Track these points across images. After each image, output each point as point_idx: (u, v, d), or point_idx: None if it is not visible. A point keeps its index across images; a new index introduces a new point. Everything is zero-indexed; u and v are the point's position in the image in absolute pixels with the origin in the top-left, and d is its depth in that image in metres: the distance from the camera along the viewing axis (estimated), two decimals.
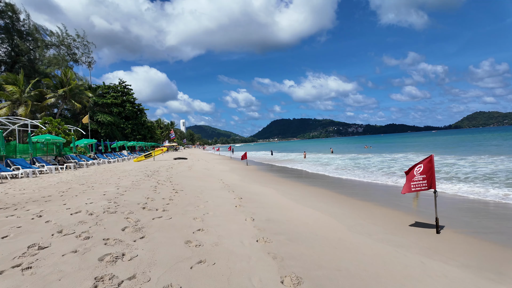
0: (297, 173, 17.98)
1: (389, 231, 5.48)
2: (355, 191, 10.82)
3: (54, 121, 29.41)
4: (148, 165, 19.93)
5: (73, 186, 9.06)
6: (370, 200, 8.83)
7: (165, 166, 18.92)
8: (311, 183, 13.04)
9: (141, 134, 57.60)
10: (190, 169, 17.78)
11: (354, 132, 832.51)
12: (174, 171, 15.65)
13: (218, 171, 16.99)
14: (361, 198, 9.23)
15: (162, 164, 21.45)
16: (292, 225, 5.38)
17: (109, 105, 49.08)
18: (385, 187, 11.67)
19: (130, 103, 56.71)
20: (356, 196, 9.63)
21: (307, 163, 25.61)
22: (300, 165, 23.47)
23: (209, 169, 18.38)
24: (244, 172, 17.34)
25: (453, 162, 18.21)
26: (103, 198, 6.49)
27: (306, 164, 24.61)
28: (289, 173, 17.74)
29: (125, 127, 53.94)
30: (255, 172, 17.90)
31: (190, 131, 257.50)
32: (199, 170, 16.88)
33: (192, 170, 17.09)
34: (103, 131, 46.07)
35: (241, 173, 16.83)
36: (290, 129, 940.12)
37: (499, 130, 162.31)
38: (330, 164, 22.86)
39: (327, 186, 12.11)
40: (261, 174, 16.85)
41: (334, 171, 18.10)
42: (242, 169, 19.75)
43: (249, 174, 16.54)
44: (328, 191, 10.76)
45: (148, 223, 4.64)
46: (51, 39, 46.09)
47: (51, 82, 38.25)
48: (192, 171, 16.41)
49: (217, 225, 4.76)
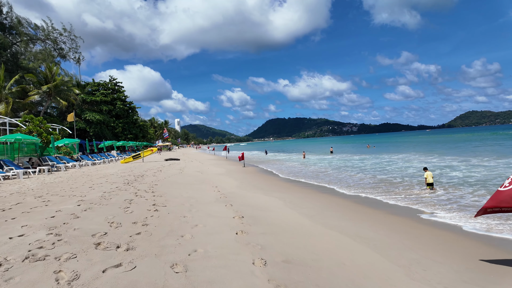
0: (300, 175, 16.15)
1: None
2: (375, 198, 9.01)
3: (35, 119, 27.15)
4: (135, 168, 17.93)
5: (25, 200, 7.08)
6: (391, 212, 7.01)
7: (153, 169, 16.94)
8: (320, 189, 11.22)
9: (132, 133, 55.24)
10: (181, 172, 15.83)
11: (348, 132, 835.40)
12: (162, 175, 13.70)
13: (213, 175, 15.08)
14: (386, 209, 7.42)
15: (151, 166, 19.45)
16: (324, 270, 3.52)
17: (99, 103, 46.66)
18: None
19: (121, 101, 54.31)
20: (382, 207, 7.81)
21: (309, 164, 23.82)
22: (302, 167, 21.67)
23: (203, 172, 16.45)
24: (241, 176, 15.46)
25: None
26: (45, 226, 4.53)
27: (308, 165, 22.82)
28: (292, 176, 15.90)
29: (115, 126, 51.56)
30: (254, 175, 16.03)
31: (185, 130, 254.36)
32: (191, 174, 14.94)
33: (184, 173, 15.16)
34: (91, 130, 43.71)
35: (238, 176, 14.94)
36: (285, 129, 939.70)
37: (491, 129, 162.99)
38: (338, 166, 21.10)
39: (341, 194, 10.28)
40: (262, 178, 14.98)
41: (343, 174, 16.31)
42: (240, 172, 17.86)
43: (247, 178, 14.66)
44: (344, 200, 8.93)
45: (90, 284, 2.72)
46: (36, 33, 43.57)
47: (34, 78, 35.81)
48: (183, 174, 14.48)
49: (210, 282, 2.88)
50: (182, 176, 13.65)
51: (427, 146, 40.83)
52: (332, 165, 21.55)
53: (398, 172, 15.28)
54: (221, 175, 15.12)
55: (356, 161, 23.83)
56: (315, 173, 16.98)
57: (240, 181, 12.94)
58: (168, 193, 8.15)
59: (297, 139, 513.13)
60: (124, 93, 56.79)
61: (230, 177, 14.26)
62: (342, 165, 21.38)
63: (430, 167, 14.47)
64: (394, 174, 14.58)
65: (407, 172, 15.09)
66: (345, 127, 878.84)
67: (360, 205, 8.23)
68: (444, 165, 17.20)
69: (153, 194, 7.94)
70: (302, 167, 21.23)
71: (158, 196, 7.55)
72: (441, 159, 20.97)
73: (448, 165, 17.32)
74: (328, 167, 20.25)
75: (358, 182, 12.57)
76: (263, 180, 14.28)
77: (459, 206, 7.69)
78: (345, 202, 8.68)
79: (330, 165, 21.62)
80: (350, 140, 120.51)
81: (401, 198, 8.97)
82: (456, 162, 18.29)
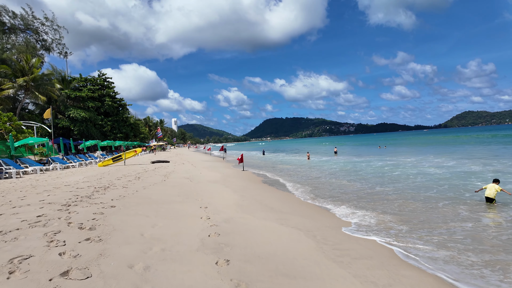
0: (314, 184, 12.81)
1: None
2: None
3: (3, 116, 23.59)
4: (109, 173, 14.51)
5: None
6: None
7: (131, 175, 13.52)
8: (355, 204, 7.92)
9: (122, 132, 51.58)
10: (165, 179, 12.43)
11: (346, 131, 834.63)
12: (136, 185, 10.30)
13: (204, 183, 11.70)
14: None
15: (130, 171, 16.04)
16: None
17: (84, 99, 42.95)
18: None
19: (110, 98, 50.64)
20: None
21: (316, 167, 20.52)
22: (310, 171, 18.36)
23: (193, 179, 13.05)
24: (242, 185, 12.11)
25: None
26: None
27: (315, 169, 19.52)
28: (305, 186, 12.56)
29: (103, 124, 47.91)
30: (258, 185, 12.65)
31: (181, 130, 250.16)
32: (177, 183, 11.55)
33: (168, 181, 11.78)
34: (76, 129, 40.08)
35: (238, 186, 11.57)
36: (282, 128, 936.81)
37: (488, 129, 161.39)
38: (358, 173, 17.82)
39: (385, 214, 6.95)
40: (268, 190, 11.60)
41: (376, 187, 13.00)
42: (239, 178, 14.50)
43: (250, 189, 11.29)
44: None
45: None
46: (14, 22, 39.81)
47: (9, 70, 32.12)
48: (166, 184, 11.10)
49: None
50: (163, 187, 10.26)
51: (445, 148, 37.74)
52: (348, 171, 18.25)
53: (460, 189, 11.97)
54: (215, 184, 11.74)
55: (368, 164, 20.59)
56: (333, 185, 13.64)
57: (240, 194, 9.59)
58: (118, 230, 4.76)
59: (295, 139, 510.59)
60: (114, 89, 53.15)
61: (227, 187, 10.90)
62: (359, 170, 18.09)
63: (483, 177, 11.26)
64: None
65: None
66: (342, 127, 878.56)
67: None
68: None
69: (89, 233, 4.52)
70: (313, 172, 17.92)
71: (93, 242, 4.14)
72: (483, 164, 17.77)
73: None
74: (343, 173, 16.94)
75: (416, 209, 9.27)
76: (272, 193, 10.93)
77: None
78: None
79: (344, 170, 18.32)
80: (349, 140, 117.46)
81: None
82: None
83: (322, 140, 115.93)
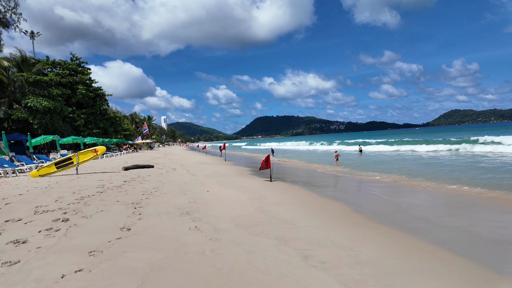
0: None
1: None
2: None
3: None
4: (19, 198, 6.87)
5: None
6: None
7: (59, 207, 5.92)
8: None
9: (100, 128, 43.13)
10: (133, 224, 4.95)
11: (336, 130, 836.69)
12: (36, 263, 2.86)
13: (240, 242, 4.34)
14: None
15: (75, 188, 8.37)
16: None
17: (48, 85, 34.31)
18: None
19: (85, 86, 42.07)
20: None
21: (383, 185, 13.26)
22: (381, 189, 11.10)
23: (200, 216, 5.61)
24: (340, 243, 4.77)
25: None
26: None
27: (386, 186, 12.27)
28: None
29: (75, 117, 39.44)
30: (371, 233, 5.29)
31: (171, 128, 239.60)
32: (161, 238, 4.11)
33: (138, 232, 4.34)
34: (36, 122, 31.54)
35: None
36: (273, 126, 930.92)
37: (475, 127, 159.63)
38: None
39: None
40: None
41: None
42: (302, 209, 7.11)
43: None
44: None
45: None
46: None
47: None
48: (134, 245, 3.68)
49: None
50: (116, 270, 2.84)
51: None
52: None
53: None
54: (265, 239, 4.37)
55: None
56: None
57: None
58: None
59: (286, 137, 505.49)
60: (90, 76, 44.56)
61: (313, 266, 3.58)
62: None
63: None
64: None
65: None
66: (333, 125, 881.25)
67: None
68: None
69: None
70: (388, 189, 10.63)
71: None
72: None
73: None
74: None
75: None
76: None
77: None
78: None
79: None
80: (349, 137, 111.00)
81: None
82: None
83: (315, 139, 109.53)
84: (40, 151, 31.01)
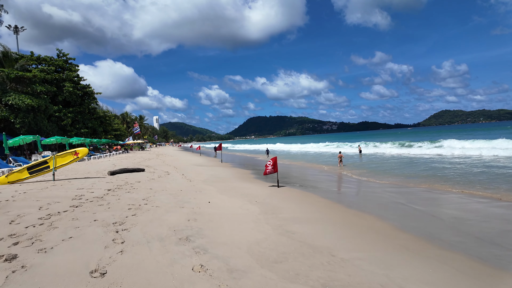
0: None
1: None
2: None
3: None
4: None
5: None
6: None
7: (11, 240, 4.39)
8: None
9: (88, 127, 40.99)
10: (118, 253, 3.52)
11: (329, 130, 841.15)
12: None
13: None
14: None
15: (50, 199, 6.81)
16: None
17: (32, 81, 32.12)
18: None
19: (72, 83, 39.88)
20: None
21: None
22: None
23: (205, 247, 4.17)
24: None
25: None
26: None
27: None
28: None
29: (62, 117, 37.26)
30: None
31: (164, 128, 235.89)
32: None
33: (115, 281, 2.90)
34: (19, 121, 29.41)
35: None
36: (266, 126, 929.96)
37: (466, 127, 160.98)
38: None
39: None
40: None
41: None
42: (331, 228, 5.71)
43: None
44: None
45: None
46: None
47: None
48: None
49: None
50: None
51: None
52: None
53: None
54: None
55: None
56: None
57: None
58: None
59: (279, 137, 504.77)
60: (77, 74, 42.35)
61: None
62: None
63: None
64: None
65: None
66: (325, 125, 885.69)
67: None
68: None
69: None
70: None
71: None
72: None
73: None
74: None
75: None
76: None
77: None
78: None
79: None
80: (348, 138, 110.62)
81: None
82: None
83: (310, 139, 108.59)
84: (22, 152, 28.94)
